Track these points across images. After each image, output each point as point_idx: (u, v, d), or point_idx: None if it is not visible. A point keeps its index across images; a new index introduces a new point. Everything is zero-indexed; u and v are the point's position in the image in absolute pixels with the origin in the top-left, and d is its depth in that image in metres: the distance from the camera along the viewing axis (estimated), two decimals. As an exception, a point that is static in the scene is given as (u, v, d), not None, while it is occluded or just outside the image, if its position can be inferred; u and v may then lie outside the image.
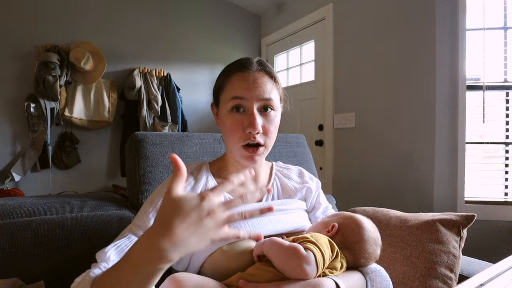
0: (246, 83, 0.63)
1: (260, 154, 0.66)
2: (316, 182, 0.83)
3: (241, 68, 0.65)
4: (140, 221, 0.60)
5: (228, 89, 0.65)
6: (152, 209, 0.61)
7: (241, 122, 0.63)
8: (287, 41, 2.87)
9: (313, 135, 2.54)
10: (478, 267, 0.92)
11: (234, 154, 0.68)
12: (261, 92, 0.63)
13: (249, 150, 0.64)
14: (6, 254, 0.66)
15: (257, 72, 0.65)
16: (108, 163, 2.47)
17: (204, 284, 0.52)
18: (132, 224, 0.60)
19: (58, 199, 0.85)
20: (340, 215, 0.67)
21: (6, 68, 2.08)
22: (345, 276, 0.58)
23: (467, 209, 1.69)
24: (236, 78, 0.64)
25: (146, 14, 2.58)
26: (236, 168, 0.71)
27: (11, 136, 2.12)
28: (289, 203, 0.72)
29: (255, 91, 0.63)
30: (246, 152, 0.64)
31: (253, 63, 0.67)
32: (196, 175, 0.68)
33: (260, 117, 0.64)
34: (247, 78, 0.64)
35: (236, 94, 0.63)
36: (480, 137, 1.75)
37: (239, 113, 0.64)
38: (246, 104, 0.63)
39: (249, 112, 0.63)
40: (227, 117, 0.65)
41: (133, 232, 0.58)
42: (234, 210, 0.63)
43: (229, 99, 0.64)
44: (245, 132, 0.63)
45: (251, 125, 0.62)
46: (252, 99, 0.63)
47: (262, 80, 0.65)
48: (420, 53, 1.76)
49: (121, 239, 0.56)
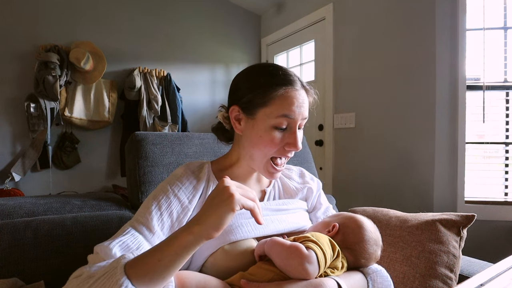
0: (296, 102, 0.61)
1: (283, 168, 0.68)
2: (317, 182, 0.83)
3: (288, 83, 0.62)
4: (142, 217, 0.58)
5: (274, 104, 0.61)
6: (155, 207, 0.59)
7: (282, 139, 0.63)
8: (287, 41, 2.87)
9: (313, 135, 2.54)
10: (478, 267, 0.92)
11: (257, 164, 0.66)
12: (305, 112, 0.64)
13: (277, 164, 0.65)
14: (6, 254, 0.66)
15: (302, 89, 0.64)
16: (108, 163, 2.47)
17: (207, 282, 0.52)
18: (133, 220, 0.59)
19: (58, 199, 0.85)
20: (340, 216, 0.67)
21: (6, 68, 2.08)
22: (347, 276, 0.59)
23: (467, 209, 1.69)
24: (286, 96, 0.61)
25: (146, 14, 2.58)
26: (242, 169, 0.70)
27: (11, 136, 2.12)
28: (290, 203, 0.72)
29: (302, 110, 0.63)
30: (272, 168, 0.65)
31: (296, 80, 0.64)
32: (197, 174, 0.68)
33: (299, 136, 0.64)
34: (297, 97, 0.62)
35: (287, 112, 0.61)
36: (480, 137, 1.75)
37: (282, 131, 0.63)
38: (291, 123, 0.62)
39: (291, 130, 0.63)
40: (266, 132, 0.62)
41: (134, 227, 0.57)
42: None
43: (276, 116, 0.61)
44: (285, 148, 0.63)
45: (294, 145, 0.62)
46: (298, 119, 0.63)
47: (305, 100, 0.64)
48: (420, 53, 1.76)
49: (123, 236, 0.55)
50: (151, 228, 0.57)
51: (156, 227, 0.57)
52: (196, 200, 0.63)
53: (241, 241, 0.60)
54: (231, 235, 0.60)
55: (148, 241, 0.55)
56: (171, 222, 0.59)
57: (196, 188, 0.65)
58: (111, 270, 0.44)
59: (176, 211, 0.60)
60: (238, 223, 0.62)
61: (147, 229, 0.56)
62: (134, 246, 0.53)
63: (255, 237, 0.63)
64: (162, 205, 0.60)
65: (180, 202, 0.61)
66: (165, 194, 0.61)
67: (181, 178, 0.64)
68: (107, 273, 0.44)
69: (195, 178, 0.66)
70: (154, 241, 0.56)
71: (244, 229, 0.61)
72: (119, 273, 0.43)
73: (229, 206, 0.46)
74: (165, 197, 0.61)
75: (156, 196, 0.62)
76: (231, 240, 0.59)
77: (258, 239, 0.63)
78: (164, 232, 0.58)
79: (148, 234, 0.56)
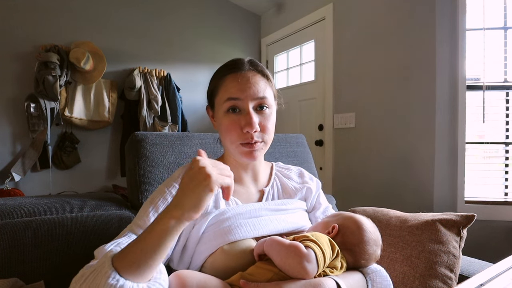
0: (240, 84, 0.64)
1: (259, 150, 0.66)
2: (316, 182, 0.83)
3: (233, 69, 0.66)
4: (140, 220, 0.60)
5: (222, 91, 0.66)
6: (152, 209, 0.61)
7: (238, 122, 0.64)
8: (287, 41, 2.87)
9: (313, 135, 2.54)
10: (478, 267, 0.92)
11: (232, 153, 0.68)
12: (255, 91, 0.64)
13: (247, 146, 0.65)
14: (6, 254, 0.66)
15: (249, 71, 0.66)
16: (108, 163, 2.47)
17: (207, 282, 0.52)
18: (132, 224, 0.60)
19: (58, 199, 0.85)
20: (340, 216, 0.66)
21: (6, 68, 2.08)
22: (346, 276, 0.58)
23: (467, 209, 1.69)
24: (229, 80, 0.65)
25: (146, 14, 2.58)
26: (235, 167, 0.71)
27: (11, 136, 2.12)
28: (289, 203, 0.72)
29: (249, 90, 0.64)
30: (245, 148, 0.65)
31: (244, 63, 0.67)
32: None
33: (257, 116, 0.64)
34: (240, 78, 0.64)
35: (231, 95, 0.64)
36: (480, 137, 1.75)
37: (235, 114, 0.64)
38: (241, 104, 0.64)
39: (245, 111, 0.64)
40: (223, 118, 0.65)
41: (133, 231, 0.58)
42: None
43: (224, 100, 0.64)
44: (243, 131, 0.63)
45: (248, 124, 0.63)
46: (247, 99, 0.63)
47: (255, 79, 0.65)
48: (420, 53, 1.76)
49: (121, 238, 0.56)
50: None
51: None
52: None
53: (240, 241, 0.60)
54: (230, 235, 0.60)
55: None
56: None
57: None
58: (99, 266, 0.45)
59: None
60: (237, 223, 0.62)
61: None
62: None
63: (254, 237, 0.63)
64: (159, 207, 0.61)
65: None
66: (162, 195, 0.63)
67: (178, 179, 0.65)
68: (96, 269, 0.45)
69: None
70: None
71: (243, 229, 0.61)
72: (107, 266, 0.44)
73: (208, 187, 0.46)
74: (162, 199, 0.62)
75: (154, 199, 0.63)
76: (230, 240, 0.59)
77: (257, 239, 0.63)
78: None
79: None
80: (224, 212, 0.63)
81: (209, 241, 0.60)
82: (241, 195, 0.71)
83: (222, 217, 0.62)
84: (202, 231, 0.61)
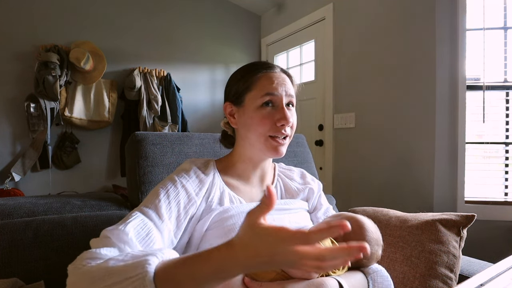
0: (277, 81, 0.68)
1: (285, 145, 0.69)
2: (318, 183, 0.84)
3: (268, 69, 0.70)
4: (151, 204, 0.57)
5: (257, 86, 0.67)
6: (164, 194, 0.59)
7: (272, 115, 0.66)
8: (287, 41, 2.87)
9: (313, 135, 2.54)
10: (478, 267, 0.92)
11: (257, 147, 0.68)
12: (288, 89, 0.68)
13: (276, 140, 0.66)
14: (6, 254, 0.66)
15: (281, 72, 0.71)
16: (108, 163, 2.47)
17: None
18: (142, 206, 0.58)
19: (58, 199, 0.85)
20: (341, 216, 0.67)
21: (6, 68, 2.08)
22: (347, 276, 0.59)
23: (467, 209, 1.69)
24: (265, 77, 0.68)
25: (146, 14, 2.58)
26: (246, 165, 0.72)
27: (11, 136, 2.12)
28: (291, 203, 0.73)
29: (284, 87, 0.68)
30: (274, 142, 0.66)
31: (275, 66, 0.72)
32: (204, 170, 0.68)
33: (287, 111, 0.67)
34: (276, 77, 0.68)
35: (268, 90, 0.66)
36: (480, 137, 1.75)
37: (270, 108, 0.67)
38: (277, 100, 0.67)
39: (279, 106, 0.67)
40: (256, 112, 0.66)
41: (144, 213, 0.56)
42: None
43: (260, 95, 0.66)
44: (276, 125, 0.65)
45: (283, 118, 0.65)
46: (282, 95, 0.67)
47: (287, 80, 0.70)
48: (420, 53, 1.76)
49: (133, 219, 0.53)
50: (161, 215, 0.56)
51: (164, 214, 0.57)
52: (202, 194, 0.64)
53: None
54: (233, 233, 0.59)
55: (158, 227, 0.54)
56: (178, 212, 0.59)
57: (202, 183, 0.65)
58: (135, 277, 0.38)
59: (183, 201, 0.61)
60: (240, 222, 0.62)
61: (157, 215, 0.56)
62: (144, 232, 0.52)
63: None
64: (170, 194, 0.60)
65: (187, 193, 0.62)
66: (174, 184, 0.62)
67: (188, 172, 0.66)
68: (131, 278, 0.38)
69: (202, 172, 0.67)
70: (162, 228, 0.55)
71: None
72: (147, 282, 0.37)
73: (305, 272, 0.47)
74: (173, 187, 0.61)
75: (165, 185, 0.62)
76: None
77: None
78: (171, 221, 0.57)
79: (157, 220, 0.55)
80: (227, 209, 0.63)
81: (212, 238, 0.60)
82: (245, 194, 0.71)
83: (226, 214, 0.62)
84: (206, 228, 0.61)
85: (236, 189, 0.70)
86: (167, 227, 0.56)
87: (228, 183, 0.70)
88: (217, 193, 0.66)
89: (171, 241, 0.57)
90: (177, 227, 0.58)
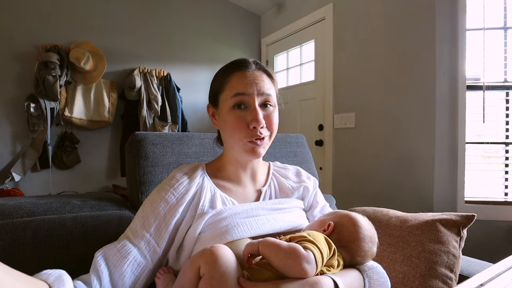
0: (247, 80, 0.65)
1: (264, 146, 0.67)
2: (313, 181, 0.83)
3: (240, 67, 0.67)
4: (133, 224, 0.64)
5: (228, 87, 0.66)
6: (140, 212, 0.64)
7: (244, 118, 0.64)
8: (287, 41, 2.87)
9: (313, 135, 2.54)
10: (478, 267, 0.92)
11: (236, 151, 0.68)
12: (261, 88, 0.65)
13: (254, 142, 0.65)
14: (6, 254, 0.66)
15: (256, 70, 0.68)
16: (108, 163, 2.47)
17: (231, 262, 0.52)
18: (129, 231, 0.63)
19: (58, 199, 0.85)
20: (336, 214, 0.67)
21: (6, 68, 2.08)
22: (343, 274, 0.58)
23: (467, 209, 1.69)
24: (236, 76, 0.66)
25: (146, 14, 2.58)
26: (234, 167, 0.71)
27: (11, 136, 2.12)
28: (286, 202, 0.72)
29: (256, 86, 0.65)
30: (251, 145, 0.65)
31: (251, 63, 0.69)
32: (190, 175, 0.68)
33: (262, 112, 0.65)
34: (247, 75, 0.66)
35: (238, 90, 0.64)
36: (480, 137, 1.75)
37: (241, 110, 0.65)
38: (248, 100, 0.65)
39: (251, 107, 0.64)
40: (228, 115, 0.65)
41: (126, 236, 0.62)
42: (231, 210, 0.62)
43: (230, 96, 0.65)
44: (249, 128, 0.64)
45: (254, 119, 0.63)
46: (253, 95, 0.64)
47: (262, 78, 0.67)
48: (420, 53, 1.76)
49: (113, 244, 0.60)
50: (135, 231, 0.61)
51: (139, 229, 0.61)
52: (186, 200, 0.64)
53: (237, 240, 0.60)
54: (227, 235, 0.59)
55: (136, 246, 0.59)
56: (158, 223, 0.62)
57: (187, 188, 0.66)
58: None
59: (163, 211, 0.63)
60: (234, 223, 0.62)
61: (132, 235, 0.61)
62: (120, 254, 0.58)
63: (251, 237, 0.63)
64: (148, 208, 0.64)
65: (168, 203, 0.64)
66: (152, 199, 0.65)
67: (171, 181, 0.66)
68: None
69: (187, 178, 0.67)
70: (140, 245, 0.60)
71: (240, 229, 0.61)
72: None
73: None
74: (152, 201, 0.65)
75: (145, 203, 0.66)
76: (228, 240, 0.59)
77: (254, 238, 0.62)
78: (151, 233, 0.61)
79: (134, 239, 0.60)
80: (221, 212, 0.63)
81: (206, 241, 0.60)
82: (238, 195, 0.71)
83: (219, 217, 0.62)
84: (199, 231, 0.61)
85: (228, 191, 0.70)
86: (146, 241, 0.60)
87: (219, 185, 0.70)
88: (208, 196, 0.66)
89: (153, 249, 0.60)
90: (158, 236, 0.61)
